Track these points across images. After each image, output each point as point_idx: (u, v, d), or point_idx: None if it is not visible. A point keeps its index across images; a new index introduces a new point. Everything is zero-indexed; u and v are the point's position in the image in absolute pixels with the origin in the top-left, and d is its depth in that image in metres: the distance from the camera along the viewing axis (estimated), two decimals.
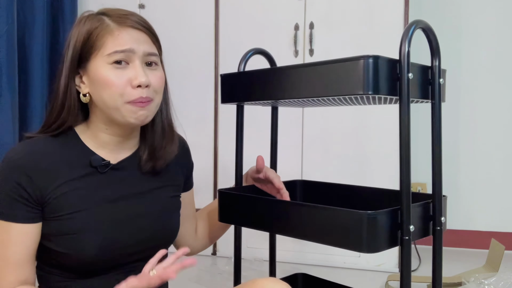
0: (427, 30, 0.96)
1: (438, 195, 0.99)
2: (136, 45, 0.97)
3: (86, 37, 0.97)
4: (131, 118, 0.97)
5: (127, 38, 0.96)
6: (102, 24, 0.97)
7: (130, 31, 0.97)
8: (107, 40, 0.96)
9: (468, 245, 2.85)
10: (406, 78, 0.89)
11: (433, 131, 1.00)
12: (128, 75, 0.96)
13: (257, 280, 0.97)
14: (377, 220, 0.88)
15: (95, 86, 0.98)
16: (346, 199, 1.28)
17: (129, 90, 0.96)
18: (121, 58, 0.96)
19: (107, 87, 0.95)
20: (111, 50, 0.95)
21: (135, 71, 0.96)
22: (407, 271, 0.91)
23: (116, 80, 0.95)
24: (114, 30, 0.96)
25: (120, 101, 0.96)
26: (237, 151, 1.26)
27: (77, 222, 0.96)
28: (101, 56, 0.96)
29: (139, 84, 0.95)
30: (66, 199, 0.96)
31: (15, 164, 0.94)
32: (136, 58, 0.97)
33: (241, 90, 1.13)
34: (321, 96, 0.94)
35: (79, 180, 0.99)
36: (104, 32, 0.96)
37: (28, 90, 2.48)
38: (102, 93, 0.97)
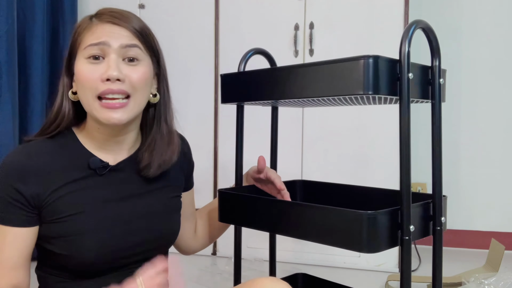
0: (427, 30, 0.96)
1: (438, 195, 0.99)
2: (111, 38, 0.95)
3: (72, 36, 1.00)
4: (102, 118, 0.95)
5: (102, 32, 0.95)
6: (87, 22, 0.99)
7: (107, 26, 0.96)
8: (85, 35, 0.96)
9: (468, 245, 2.85)
10: (406, 78, 0.89)
11: (433, 131, 1.00)
12: (101, 70, 0.94)
13: (257, 280, 0.97)
14: (377, 220, 0.88)
15: (77, 83, 0.98)
16: (346, 199, 1.28)
17: (99, 84, 0.94)
18: (96, 52, 0.94)
19: (81, 82, 0.95)
20: (87, 43, 0.95)
21: (108, 65, 0.94)
22: (407, 271, 0.91)
23: (88, 74, 0.94)
24: (93, 25, 0.97)
25: (90, 96, 0.94)
26: (237, 151, 1.26)
27: (76, 224, 0.96)
28: (80, 52, 0.96)
29: (108, 77, 0.93)
30: (65, 201, 0.96)
31: (12, 168, 0.94)
32: (111, 51, 0.95)
33: (241, 90, 1.13)
34: (321, 96, 0.94)
35: (77, 182, 0.98)
36: (84, 27, 0.98)
37: (28, 90, 2.48)
38: (80, 90, 0.97)
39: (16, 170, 0.93)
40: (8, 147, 2.26)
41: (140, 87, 0.98)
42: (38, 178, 0.94)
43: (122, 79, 0.94)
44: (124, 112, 0.96)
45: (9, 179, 0.93)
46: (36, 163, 0.95)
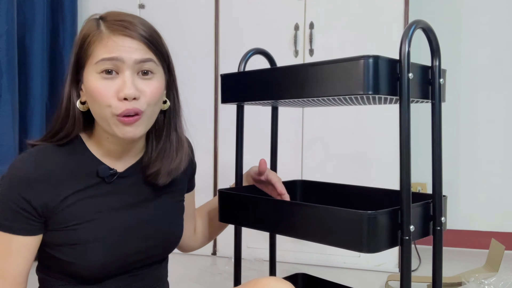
0: (427, 30, 0.96)
1: (438, 195, 0.99)
2: (125, 53, 0.92)
3: (81, 43, 0.95)
4: (118, 133, 0.93)
5: (115, 46, 0.92)
6: (95, 30, 0.94)
7: (120, 39, 0.92)
8: (97, 47, 0.93)
9: (468, 245, 2.85)
10: (406, 78, 0.89)
11: (433, 131, 0.99)
12: (116, 86, 0.92)
13: (260, 280, 0.97)
14: (377, 220, 0.88)
15: (88, 95, 0.95)
16: (346, 199, 1.28)
17: (115, 102, 0.91)
18: (109, 67, 0.91)
19: (96, 98, 0.92)
20: (99, 58, 0.92)
21: (123, 82, 0.91)
22: (407, 271, 0.91)
23: (103, 91, 0.91)
24: (104, 37, 0.93)
25: (108, 112, 0.92)
26: (237, 151, 1.26)
27: (84, 233, 0.95)
28: (91, 65, 0.93)
29: (125, 96, 0.90)
30: (73, 210, 0.95)
31: (20, 177, 0.92)
32: (126, 67, 0.92)
33: (241, 90, 1.13)
34: (321, 96, 0.94)
35: (86, 191, 0.97)
36: (95, 38, 0.93)
37: (28, 90, 2.47)
38: (92, 103, 0.94)
39: (24, 179, 0.91)
40: (8, 147, 2.26)
41: (153, 102, 0.96)
42: (47, 187, 0.93)
43: (137, 97, 0.92)
44: (138, 127, 0.94)
45: (17, 188, 0.91)
46: (45, 172, 0.93)
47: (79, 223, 0.95)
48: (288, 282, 0.97)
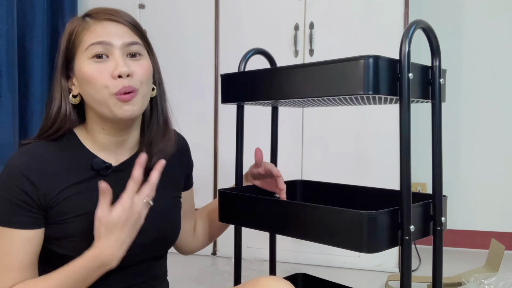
0: (427, 30, 0.96)
1: (438, 195, 0.99)
2: (113, 37, 0.97)
3: (68, 38, 0.99)
4: (118, 112, 0.96)
5: (102, 31, 0.97)
6: (81, 22, 0.99)
7: (106, 24, 0.98)
8: (85, 35, 0.97)
9: (468, 245, 2.85)
10: (407, 78, 0.88)
11: (434, 131, 0.99)
12: (109, 67, 0.95)
13: (260, 279, 0.97)
14: (377, 220, 0.88)
15: (81, 84, 0.98)
16: (346, 199, 1.28)
17: (111, 82, 0.95)
18: (99, 51, 0.95)
19: (91, 82, 0.95)
20: (88, 43, 0.95)
21: (115, 62, 0.95)
22: (407, 271, 0.91)
23: (97, 73, 0.95)
24: (91, 24, 0.97)
25: (106, 93, 0.95)
26: (237, 151, 1.26)
27: (81, 225, 0.96)
28: (81, 52, 0.97)
29: (119, 74, 0.94)
30: (69, 203, 0.96)
31: (18, 170, 0.93)
32: (115, 49, 0.96)
33: (241, 90, 1.13)
34: (321, 96, 0.94)
35: (82, 184, 0.98)
36: (81, 28, 0.98)
37: (28, 90, 2.48)
38: (88, 89, 0.97)
39: (22, 172, 0.93)
40: (8, 147, 2.26)
41: (145, 80, 1.00)
42: (44, 179, 0.94)
43: (131, 74, 0.96)
44: (135, 105, 0.97)
45: (15, 181, 0.92)
46: (41, 165, 0.95)
47: (76, 216, 0.96)
48: (287, 281, 0.97)
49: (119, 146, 1.04)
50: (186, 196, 1.24)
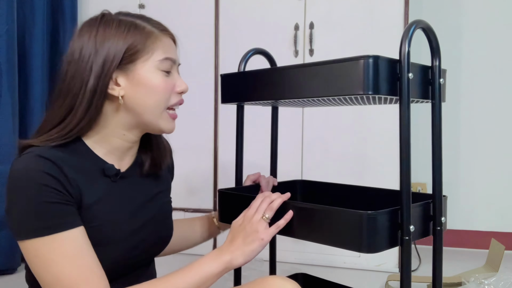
0: (427, 30, 0.96)
1: (438, 195, 0.99)
2: (175, 55, 1.05)
3: (131, 39, 0.95)
4: (166, 125, 1.01)
5: (171, 47, 1.03)
6: (145, 28, 0.98)
7: (170, 41, 1.04)
8: (156, 45, 0.98)
9: (468, 245, 2.85)
10: (406, 78, 0.89)
11: (433, 131, 1.00)
12: (173, 83, 1.01)
13: (267, 279, 0.95)
14: (377, 220, 0.88)
15: (138, 90, 0.96)
16: (346, 199, 1.28)
17: (174, 96, 1.02)
18: (169, 67, 1.00)
19: (156, 92, 0.98)
20: (162, 56, 0.99)
21: (178, 79, 1.04)
22: (407, 271, 0.91)
23: (166, 86, 0.99)
24: (160, 36, 1.00)
25: (163, 106, 0.99)
26: (237, 151, 1.26)
27: (95, 236, 0.92)
28: (152, 61, 0.97)
29: (183, 91, 1.03)
30: (89, 210, 0.92)
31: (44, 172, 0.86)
32: (175, 67, 1.04)
33: (241, 90, 1.13)
34: (322, 96, 0.94)
35: (97, 190, 0.95)
36: (152, 37, 0.98)
37: (28, 90, 2.47)
38: (147, 98, 0.97)
39: (51, 173, 0.86)
40: (8, 147, 2.25)
41: None
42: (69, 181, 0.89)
43: None
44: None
45: (47, 182, 0.86)
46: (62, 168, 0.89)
47: (96, 225, 0.93)
48: (294, 281, 0.96)
49: (125, 152, 1.04)
50: None
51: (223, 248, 0.99)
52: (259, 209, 1.01)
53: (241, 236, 0.99)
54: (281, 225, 1.00)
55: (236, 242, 0.98)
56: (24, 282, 1.02)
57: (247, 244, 0.97)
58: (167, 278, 0.92)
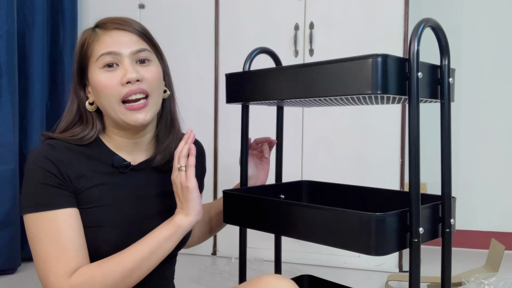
0: (436, 29, 0.95)
1: (447, 196, 0.98)
2: (121, 46, 1.01)
3: (80, 49, 1.04)
4: (128, 121, 1.01)
5: (111, 41, 1.01)
6: (91, 33, 1.04)
7: (114, 34, 1.02)
8: (95, 46, 1.02)
9: (468, 245, 2.85)
10: (416, 77, 0.87)
11: (443, 131, 0.98)
12: (119, 75, 1.00)
13: (262, 277, 0.98)
14: (386, 222, 0.86)
15: (95, 93, 1.03)
16: (350, 199, 1.27)
17: (121, 88, 1.00)
18: (109, 60, 1.00)
19: (102, 90, 1.01)
20: (98, 54, 1.01)
21: (124, 69, 1.00)
22: (416, 273, 0.89)
23: (107, 81, 1.00)
24: (101, 35, 1.02)
25: (114, 101, 1.00)
26: (242, 152, 1.25)
27: (97, 216, 1.00)
28: (93, 63, 1.02)
29: (128, 80, 0.99)
30: (91, 193, 1.00)
31: (46, 157, 0.97)
32: (124, 58, 1.01)
33: (246, 90, 1.11)
34: (329, 95, 0.92)
35: (102, 177, 1.03)
36: (92, 39, 1.03)
37: (28, 90, 2.47)
38: (100, 98, 1.02)
39: (50, 158, 0.97)
40: (8, 147, 2.26)
41: (156, 85, 1.04)
42: (67, 167, 0.98)
43: (140, 79, 1.00)
44: (147, 111, 1.02)
45: (46, 166, 0.96)
46: (63, 155, 0.99)
47: (94, 207, 1.00)
48: (290, 280, 0.97)
49: (135, 147, 1.09)
50: None
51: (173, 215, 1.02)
52: (174, 166, 1.02)
53: (178, 198, 1.02)
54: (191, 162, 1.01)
55: (178, 205, 1.02)
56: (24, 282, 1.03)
57: (184, 200, 1.00)
58: (123, 250, 0.97)
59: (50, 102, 2.66)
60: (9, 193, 2.26)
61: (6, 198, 2.26)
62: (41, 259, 0.94)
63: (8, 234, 2.26)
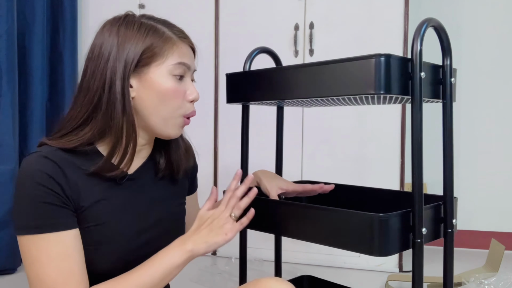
0: (438, 29, 0.95)
1: (449, 196, 0.98)
2: (191, 62, 1.02)
3: (149, 42, 0.96)
4: (173, 131, 1.01)
5: (187, 53, 1.01)
6: (164, 33, 0.98)
7: (187, 47, 1.01)
8: (172, 50, 0.98)
9: (468, 245, 2.85)
10: (419, 77, 0.87)
11: (445, 131, 0.98)
12: (184, 89, 1.00)
13: (261, 280, 0.96)
14: (389, 222, 0.86)
15: (150, 93, 0.96)
16: (351, 200, 1.27)
17: (186, 104, 1.00)
18: (182, 72, 0.99)
19: (168, 98, 0.97)
20: (176, 60, 0.97)
21: (190, 86, 1.01)
22: (419, 274, 0.89)
23: (177, 92, 0.98)
24: (178, 42, 0.99)
25: (176, 113, 0.99)
26: (243, 152, 1.24)
27: (97, 235, 0.94)
28: (165, 66, 0.97)
29: (195, 99, 1.01)
30: (89, 212, 0.94)
31: (45, 174, 0.89)
32: (189, 74, 1.02)
33: (247, 90, 1.11)
34: (331, 96, 0.92)
35: (99, 192, 0.96)
36: (170, 43, 0.98)
37: (28, 90, 2.47)
38: (158, 102, 0.97)
39: (47, 175, 0.89)
40: (8, 147, 2.26)
41: None
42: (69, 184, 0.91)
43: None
44: None
45: (46, 183, 0.88)
46: (62, 171, 0.91)
47: (93, 225, 0.94)
48: (289, 283, 0.96)
49: (136, 154, 1.02)
50: (190, 200, 1.23)
51: (185, 238, 0.99)
52: (228, 206, 1.02)
53: (207, 228, 0.99)
54: (244, 223, 1.03)
55: (201, 233, 0.99)
56: (24, 282, 1.01)
57: (212, 236, 0.98)
58: (132, 273, 0.93)
59: (50, 102, 2.66)
60: (9, 193, 2.26)
61: (6, 198, 2.25)
62: (45, 284, 0.88)
63: (8, 234, 2.26)
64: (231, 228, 1.00)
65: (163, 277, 0.94)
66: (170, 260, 0.95)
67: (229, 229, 0.99)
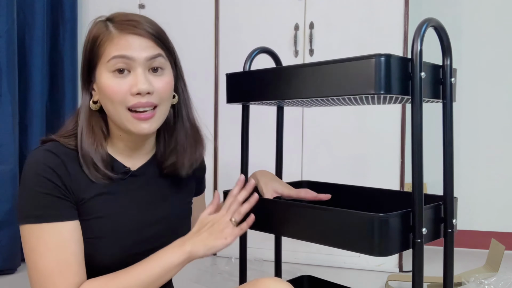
0: (438, 29, 0.95)
1: (449, 196, 0.98)
2: (135, 52, 0.95)
3: (92, 44, 0.98)
4: (132, 129, 0.97)
5: (126, 45, 0.95)
6: (105, 31, 0.97)
7: (130, 38, 0.95)
8: (108, 47, 0.95)
9: (468, 245, 2.85)
10: (419, 77, 0.87)
11: (445, 131, 0.98)
12: (129, 83, 0.95)
13: (260, 280, 0.96)
14: (389, 222, 0.86)
15: (101, 94, 0.98)
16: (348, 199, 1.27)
17: (128, 98, 0.95)
18: (121, 65, 0.94)
19: (109, 95, 0.95)
20: (110, 56, 0.94)
21: (136, 78, 0.95)
22: (419, 274, 0.89)
23: (116, 88, 0.94)
24: (115, 37, 0.95)
25: (121, 108, 0.95)
26: (243, 152, 1.24)
27: (97, 228, 0.96)
28: (103, 64, 0.96)
29: (138, 91, 0.94)
30: (90, 204, 0.96)
31: (47, 165, 0.92)
32: (137, 65, 0.95)
33: (247, 90, 1.11)
34: (331, 96, 0.92)
35: (101, 186, 0.98)
36: (105, 39, 0.96)
37: (28, 90, 2.47)
38: (106, 101, 0.97)
39: (49, 167, 0.92)
40: (8, 147, 2.26)
41: (166, 96, 1.00)
42: (71, 177, 0.94)
43: (151, 92, 0.96)
44: (153, 122, 0.98)
45: (48, 175, 0.91)
46: (65, 162, 0.94)
47: (95, 218, 0.96)
48: (288, 283, 0.96)
49: (136, 152, 1.05)
50: (197, 201, 1.24)
51: (185, 239, 1.00)
52: (229, 210, 1.04)
53: (207, 231, 1.00)
54: (244, 229, 1.04)
55: (201, 235, 1.00)
56: (24, 282, 1.01)
57: (211, 240, 0.99)
58: (130, 269, 0.94)
59: (50, 102, 2.66)
60: (9, 193, 2.26)
61: (6, 198, 2.25)
62: (41, 273, 0.90)
63: (8, 234, 2.26)
64: (230, 232, 1.01)
65: (161, 275, 0.95)
66: (168, 259, 0.96)
67: (228, 233, 1.00)
